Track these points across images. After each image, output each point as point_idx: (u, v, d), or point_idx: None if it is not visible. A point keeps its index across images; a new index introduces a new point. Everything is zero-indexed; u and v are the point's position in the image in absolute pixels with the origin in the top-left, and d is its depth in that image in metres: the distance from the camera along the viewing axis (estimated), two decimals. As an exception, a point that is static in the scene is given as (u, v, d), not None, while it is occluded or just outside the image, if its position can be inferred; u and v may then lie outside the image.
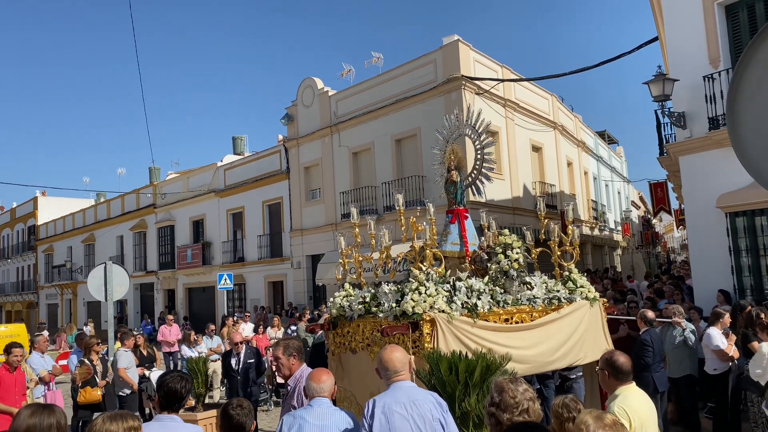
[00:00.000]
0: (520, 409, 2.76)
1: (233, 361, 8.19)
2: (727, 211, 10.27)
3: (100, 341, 9.17)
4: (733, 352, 7.44)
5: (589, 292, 6.45)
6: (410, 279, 5.54)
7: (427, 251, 5.80)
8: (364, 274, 6.55)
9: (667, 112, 10.92)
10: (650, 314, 7.85)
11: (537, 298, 5.86)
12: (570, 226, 6.54)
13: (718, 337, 7.55)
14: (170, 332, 15.52)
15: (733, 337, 7.48)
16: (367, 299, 5.59)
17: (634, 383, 3.87)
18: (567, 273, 6.57)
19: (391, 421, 3.48)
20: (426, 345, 4.81)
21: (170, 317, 17.21)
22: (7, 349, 7.41)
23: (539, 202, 6.80)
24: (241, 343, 8.34)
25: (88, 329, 23.54)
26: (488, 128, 7.10)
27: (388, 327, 5.01)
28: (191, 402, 9.59)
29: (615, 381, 3.84)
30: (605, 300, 7.05)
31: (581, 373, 7.09)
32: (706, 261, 10.67)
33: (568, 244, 6.46)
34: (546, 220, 6.56)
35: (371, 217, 6.81)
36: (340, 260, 6.37)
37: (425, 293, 5.09)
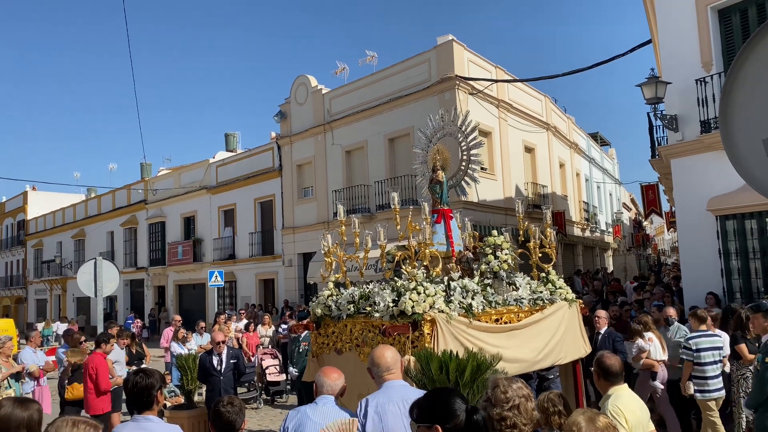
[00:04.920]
0: (510, 405, 2.76)
1: (215, 361, 8.08)
2: (717, 214, 10.32)
3: (84, 339, 9.11)
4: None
5: (567, 293, 6.55)
6: (394, 278, 5.54)
7: (426, 250, 5.81)
8: (349, 273, 6.54)
9: (659, 115, 10.96)
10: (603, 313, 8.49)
11: (523, 298, 5.92)
12: (548, 228, 6.58)
13: None
14: None
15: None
16: (356, 298, 5.57)
17: (625, 384, 3.91)
18: (545, 275, 6.64)
19: (384, 420, 3.47)
20: (426, 345, 4.81)
21: (177, 318, 13.89)
22: (106, 340, 8.26)
23: (517, 204, 6.84)
24: (223, 342, 8.22)
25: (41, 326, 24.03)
26: (476, 129, 7.11)
27: (389, 327, 5.00)
28: (180, 399, 9.57)
29: (605, 382, 3.89)
30: (581, 301, 7.16)
31: (558, 373, 7.19)
32: (696, 263, 10.72)
33: (548, 246, 6.51)
34: (526, 222, 6.61)
35: (356, 216, 6.81)
36: (326, 258, 6.35)
37: (424, 293, 5.09)
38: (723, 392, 7.08)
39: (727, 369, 7.44)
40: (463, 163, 7.14)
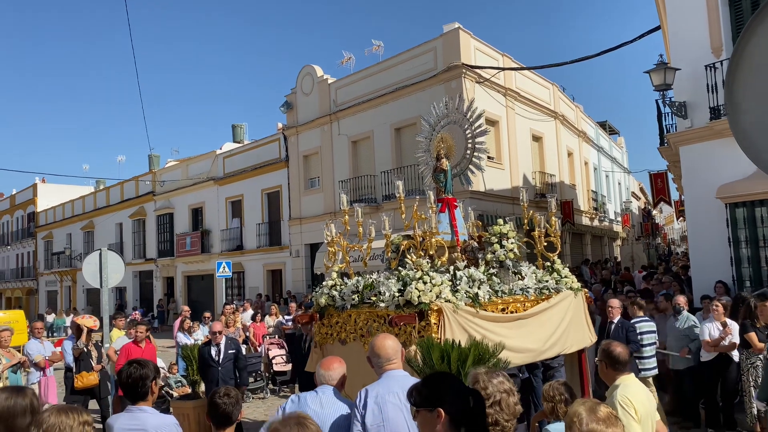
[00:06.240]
0: (491, 401, 2.68)
1: (213, 351, 8.04)
2: (726, 202, 10.19)
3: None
4: (729, 342, 7.42)
5: (573, 282, 6.48)
6: (399, 268, 5.48)
7: (432, 239, 5.75)
8: (353, 264, 6.49)
9: (668, 102, 10.82)
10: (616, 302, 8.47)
11: (529, 288, 5.85)
12: (553, 217, 6.50)
13: (704, 328, 7.64)
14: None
15: (730, 329, 7.44)
16: (360, 288, 5.52)
17: (631, 374, 3.85)
18: (550, 264, 6.57)
19: (384, 411, 3.41)
20: (433, 334, 4.77)
21: (186, 309, 13.30)
22: (130, 326, 8.64)
23: (522, 193, 6.76)
24: (220, 333, 8.17)
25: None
26: (481, 116, 7.01)
27: (396, 317, 4.95)
28: (186, 389, 9.59)
29: (613, 371, 3.81)
30: (586, 291, 7.09)
31: (563, 362, 7.14)
32: (705, 252, 10.61)
33: (553, 235, 6.43)
34: (531, 211, 6.53)
35: (361, 205, 6.75)
36: (329, 248, 6.29)
37: (430, 282, 5.03)
38: (656, 370, 7.86)
39: (736, 357, 7.38)
40: (468, 152, 7.04)
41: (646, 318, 8.15)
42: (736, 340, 7.22)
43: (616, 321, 8.00)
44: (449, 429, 2.32)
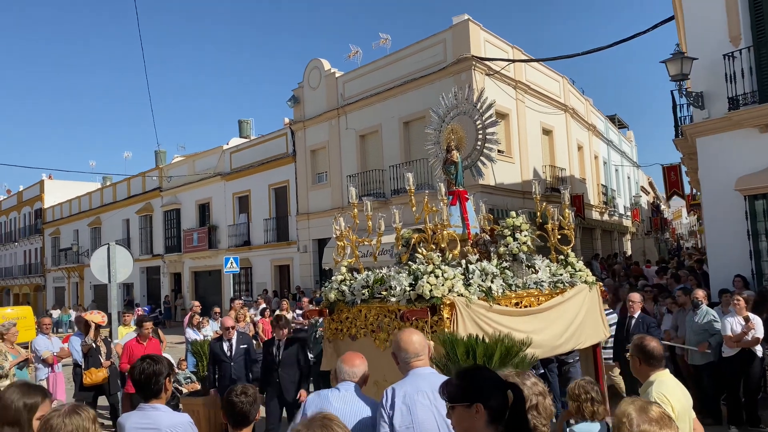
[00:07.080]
0: (528, 406, 2.49)
1: (225, 347, 7.91)
2: (746, 194, 9.95)
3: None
4: (753, 337, 7.21)
5: (587, 276, 6.32)
6: (408, 263, 5.33)
7: (444, 232, 5.60)
8: (362, 259, 6.33)
9: (684, 92, 10.58)
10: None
11: (543, 281, 5.70)
12: (567, 210, 6.32)
13: (726, 323, 7.45)
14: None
15: (753, 324, 7.23)
16: (371, 283, 5.37)
17: (666, 369, 3.67)
18: (563, 257, 6.40)
19: (413, 412, 3.20)
20: (446, 329, 4.62)
21: (196, 304, 12.88)
22: (139, 323, 8.55)
23: (534, 185, 6.59)
24: (232, 328, 8.03)
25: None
26: (492, 107, 6.83)
27: (408, 312, 4.79)
28: (196, 386, 9.47)
29: (647, 367, 3.64)
30: (600, 284, 6.92)
31: (578, 357, 6.98)
32: (723, 245, 10.38)
33: (567, 227, 6.26)
34: (544, 203, 6.36)
35: (369, 199, 6.61)
36: (338, 242, 6.14)
37: (442, 276, 4.87)
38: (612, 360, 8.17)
39: (760, 353, 7.18)
40: (479, 143, 6.86)
41: (610, 310, 8.68)
42: (760, 334, 7.02)
43: (636, 316, 7.83)
44: (488, 425, 2.14)
